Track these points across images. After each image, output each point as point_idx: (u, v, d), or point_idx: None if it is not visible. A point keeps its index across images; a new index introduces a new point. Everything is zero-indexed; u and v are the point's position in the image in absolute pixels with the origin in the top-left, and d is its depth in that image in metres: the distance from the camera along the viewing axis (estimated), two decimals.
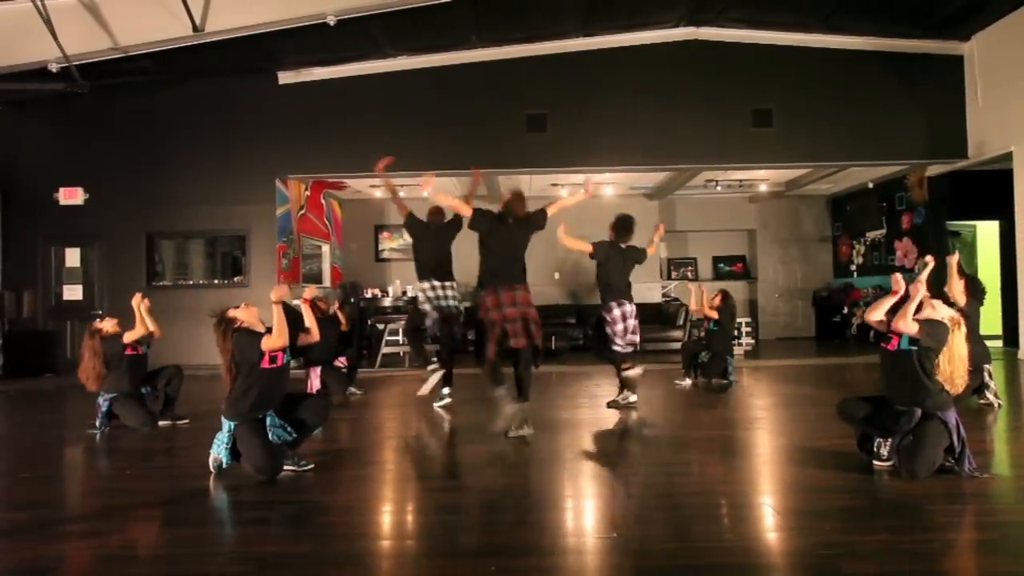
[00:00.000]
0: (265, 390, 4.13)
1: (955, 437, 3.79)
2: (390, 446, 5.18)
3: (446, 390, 6.55)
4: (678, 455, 4.73)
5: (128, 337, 5.84)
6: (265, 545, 3.11)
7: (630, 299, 6.29)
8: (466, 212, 5.43)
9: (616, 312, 6.15)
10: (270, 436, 4.07)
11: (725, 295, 7.95)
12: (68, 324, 10.56)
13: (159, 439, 5.54)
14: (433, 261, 6.62)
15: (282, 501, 3.80)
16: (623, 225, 6.40)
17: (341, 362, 7.65)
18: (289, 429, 4.16)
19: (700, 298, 7.98)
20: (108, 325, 5.96)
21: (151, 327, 5.93)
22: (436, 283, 6.56)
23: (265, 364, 4.12)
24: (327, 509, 3.69)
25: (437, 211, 6.84)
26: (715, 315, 7.75)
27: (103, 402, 5.82)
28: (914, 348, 3.86)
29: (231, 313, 4.24)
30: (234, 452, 4.08)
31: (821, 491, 3.69)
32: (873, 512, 3.37)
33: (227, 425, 4.09)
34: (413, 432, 5.68)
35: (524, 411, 5.05)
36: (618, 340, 6.17)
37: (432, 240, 6.71)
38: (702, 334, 8.56)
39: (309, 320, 4.59)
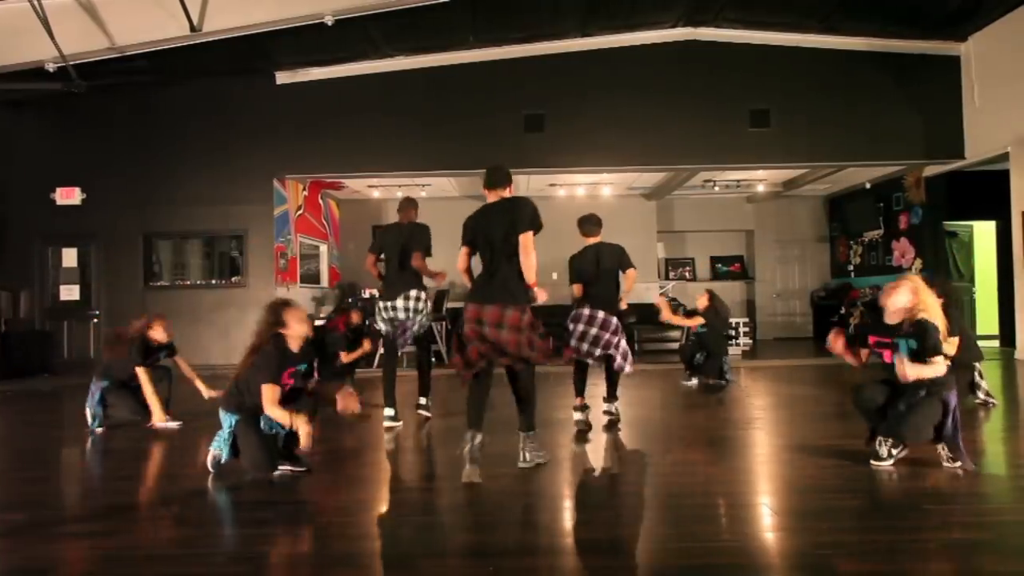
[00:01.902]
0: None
1: (950, 419, 3.84)
2: (388, 447, 5.17)
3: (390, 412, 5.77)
4: (676, 455, 4.73)
5: (141, 373, 5.86)
6: (264, 545, 3.11)
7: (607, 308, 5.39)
8: None
9: (585, 312, 5.36)
10: (262, 424, 4.07)
11: (711, 296, 7.89)
12: (65, 324, 10.60)
13: (156, 439, 5.53)
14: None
15: (281, 501, 3.80)
16: (587, 220, 5.66)
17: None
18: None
19: (668, 310, 7.64)
20: (158, 333, 6.01)
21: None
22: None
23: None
24: (325, 510, 3.69)
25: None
26: (697, 322, 7.68)
27: (95, 389, 5.85)
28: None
29: (286, 318, 4.11)
30: (234, 448, 4.09)
31: (819, 491, 3.70)
32: (871, 512, 3.38)
33: (227, 421, 4.10)
34: (411, 433, 5.65)
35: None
36: (572, 341, 5.41)
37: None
38: (692, 336, 8.51)
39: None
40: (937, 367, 3.82)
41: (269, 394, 3.99)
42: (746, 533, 3.14)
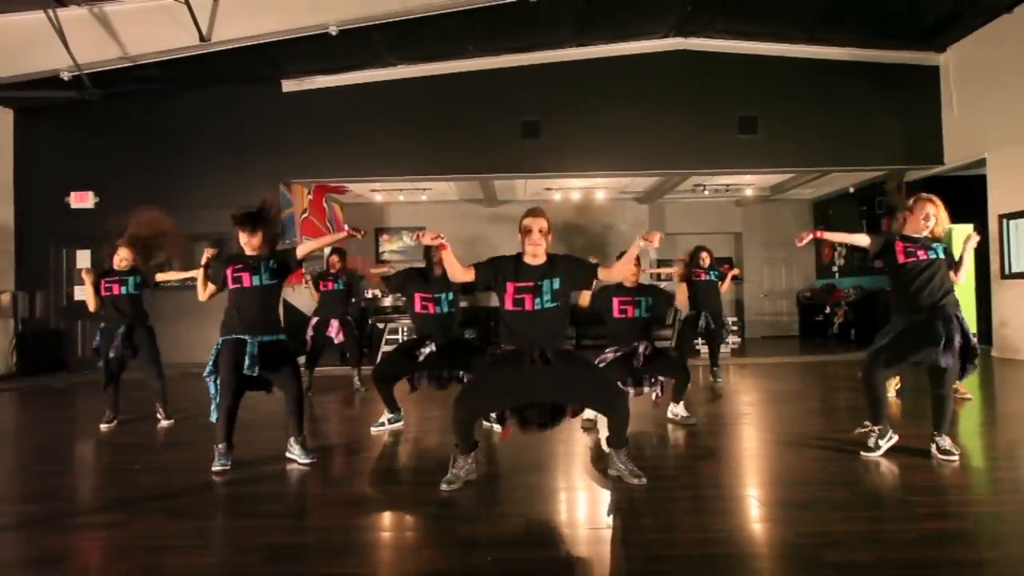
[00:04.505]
0: (242, 308, 4.35)
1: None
2: (390, 441, 5.23)
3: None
4: (667, 450, 4.82)
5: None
6: (269, 536, 3.17)
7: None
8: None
9: None
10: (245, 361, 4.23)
11: None
12: (79, 324, 10.77)
13: (165, 435, 5.71)
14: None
15: (286, 494, 3.94)
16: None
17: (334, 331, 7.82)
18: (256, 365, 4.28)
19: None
20: (114, 261, 6.24)
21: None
22: None
23: (230, 284, 4.38)
24: (329, 502, 3.80)
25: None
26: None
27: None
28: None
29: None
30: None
31: (804, 483, 3.80)
32: (854, 503, 3.49)
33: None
34: (411, 428, 5.68)
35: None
36: None
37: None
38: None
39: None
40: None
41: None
42: (734, 524, 3.23)
